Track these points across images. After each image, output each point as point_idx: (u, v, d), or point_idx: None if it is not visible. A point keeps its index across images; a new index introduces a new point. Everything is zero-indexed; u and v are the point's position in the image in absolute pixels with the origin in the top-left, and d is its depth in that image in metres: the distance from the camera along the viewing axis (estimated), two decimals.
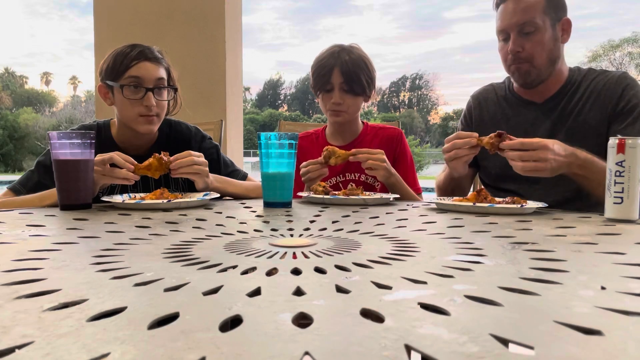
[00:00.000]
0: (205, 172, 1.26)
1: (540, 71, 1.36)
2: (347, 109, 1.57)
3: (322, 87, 1.55)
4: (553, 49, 1.34)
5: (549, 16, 1.32)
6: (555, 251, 0.62)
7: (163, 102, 1.37)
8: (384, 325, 0.34)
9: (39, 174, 1.33)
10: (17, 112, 41.08)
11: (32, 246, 0.65)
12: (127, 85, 1.31)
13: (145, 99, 1.31)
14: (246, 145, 5.87)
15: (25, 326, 0.34)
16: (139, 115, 1.33)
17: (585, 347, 0.30)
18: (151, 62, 1.33)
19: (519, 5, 1.32)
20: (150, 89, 1.32)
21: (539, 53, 1.33)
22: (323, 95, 1.57)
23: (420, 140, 47.82)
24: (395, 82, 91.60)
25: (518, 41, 1.34)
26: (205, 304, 0.40)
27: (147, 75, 1.32)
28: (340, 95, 1.54)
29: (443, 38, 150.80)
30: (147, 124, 1.35)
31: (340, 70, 1.51)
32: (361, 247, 0.66)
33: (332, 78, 1.52)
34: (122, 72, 1.31)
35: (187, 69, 2.72)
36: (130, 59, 1.31)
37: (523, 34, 1.33)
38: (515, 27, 1.33)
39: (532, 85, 1.40)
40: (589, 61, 33.77)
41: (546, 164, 1.07)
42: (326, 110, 1.60)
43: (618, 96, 1.30)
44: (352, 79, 1.52)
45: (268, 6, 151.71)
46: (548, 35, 1.32)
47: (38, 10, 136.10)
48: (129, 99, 1.31)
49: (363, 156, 1.35)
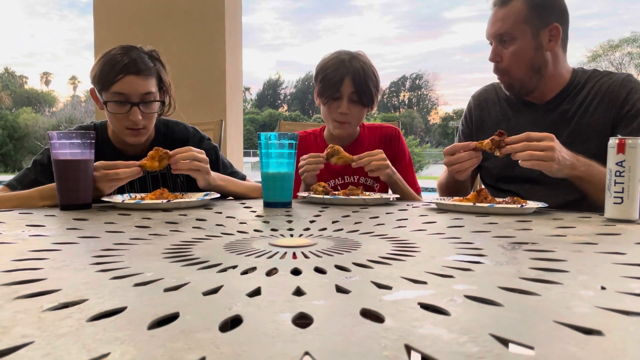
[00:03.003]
0: (206, 169, 1.25)
1: (522, 82, 1.36)
2: (352, 120, 1.54)
3: (330, 95, 1.51)
4: (534, 57, 1.32)
5: (531, 24, 1.30)
6: (555, 251, 0.62)
7: (151, 114, 1.34)
8: (384, 325, 0.34)
9: (36, 172, 1.32)
10: (17, 112, 41.07)
11: (32, 246, 0.65)
12: (111, 101, 1.28)
13: (131, 113, 1.29)
14: (246, 145, 5.87)
15: (25, 326, 0.34)
16: (125, 128, 1.32)
17: (585, 347, 0.30)
18: (138, 75, 1.28)
19: (499, 14, 1.33)
20: (135, 103, 1.29)
21: (516, 64, 1.33)
22: (330, 103, 1.53)
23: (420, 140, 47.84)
24: (395, 82, 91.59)
25: (497, 50, 1.36)
26: (205, 304, 0.40)
27: (132, 90, 1.28)
28: (348, 106, 1.50)
29: (443, 38, 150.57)
30: (134, 136, 1.34)
31: (352, 80, 1.48)
32: (361, 247, 0.66)
33: (342, 87, 1.48)
34: (108, 87, 1.28)
35: (187, 69, 2.73)
36: (115, 72, 1.26)
37: (502, 43, 1.35)
38: (493, 36, 1.35)
39: (521, 95, 1.40)
40: (588, 61, 33.77)
41: (553, 154, 1.05)
42: (330, 120, 1.55)
43: (622, 99, 1.28)
44: (363, 90, 1.49)
45: (268, 6, 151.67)
46: (527, 44, 1.31)
47: (38, 10, 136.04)
48: (114, 114, 1.30)
49: (365, 160, 1.35)
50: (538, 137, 1.08)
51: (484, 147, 1.15)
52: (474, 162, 1.19)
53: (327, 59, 1.55)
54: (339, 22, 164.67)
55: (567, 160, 1.10)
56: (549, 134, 1.08)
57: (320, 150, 1.43)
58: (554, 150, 1.06)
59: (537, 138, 1.08)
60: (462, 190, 1.49)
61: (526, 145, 1.07)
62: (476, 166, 1.22)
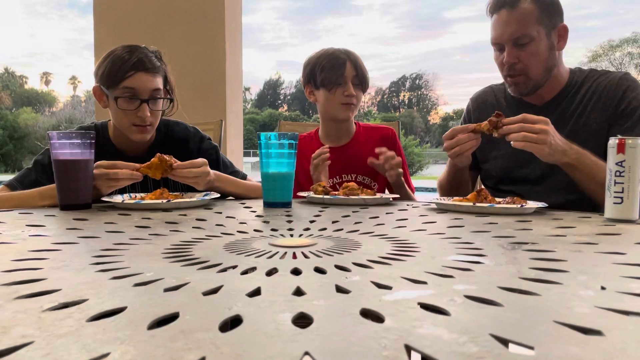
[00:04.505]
0: (204, 181, 1.26)
1: (536, 82, 1.35)
2: (356, 102, 1.60)
3: (335, 81, 1.54)
4: (549, 57, 1.33)
5: (543, 25, 1.30)
6: (555, 251, 0.62)
7: (158, 111, 1.36)
8: (384, 325, 0.34)
9: (36, 172, 1.32)
10: (17, 112, 41.10)
11: (32, 246, 0.65)
12: (121, 97, 1.29)
13: (140, 110, 1.30)
14: (246, 145, 5.87)
15: (25, 326, 0.34)
16: (132, 124, 1.32)
17: (585, 347, 0.30)
18: (148, 72, 1.30)
19: (512, 17, 1.30)
20: (145, 100, 1.30)
21: (535, 64, 1.32)
22: (335, 89, 1.56)
23: (420, 141, 47.84)
24: (395, 82, 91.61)
25: (513, 52, 1.32)
26: (205, 304, 0.40)
27: (142, 86, 1.29)
28: (353, 88, 1.56)
29: (443, 38, 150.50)
30: (140, 133, 1.34)
31: (353, 65, 1.55)
32: (361, 247, 0.66)
33: (346, 71, 1.54)
34: (117, 82, 1.28)
35: (187, 69, 2.73)
36: (125, 69, 1.28)
37: (518, 46, 1.31)
38: (509, 39, 1.31)
39: (528, 95, 1.39)
40: (588, 61, 33.78)
41: (546, 137, 1.07)
42: (337, 105, 1.58)
43: (619, 98, 1.29)
44: (363, 74, 1.57)
45: (268, 6, 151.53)
46: (543, 45, 1.31)
47: (38, 10, 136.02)
48: (122, 110, 1.30)
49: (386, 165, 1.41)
50: (534, 119, 1.10)
51: (482, 128, 1.18)
52: (473, 144, 1.21)
53: (319, 55, 1.59)
54: (339, 22, 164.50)
55: (559, 146, 1.11)
56: (544, 118, 1.10)
57: (317, 150, 1.44)
58: (548, 134, 1.08)
59: (533, 120, 1.10)
60: (462, 186, 1.49)
61: (521, 126, 1.09)
62: (475, 149, 1.23)
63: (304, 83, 1.65)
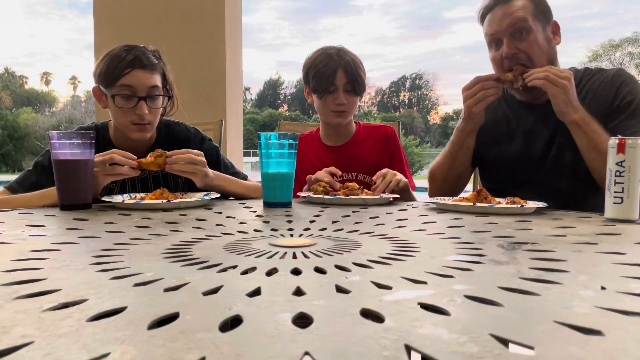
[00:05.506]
0: (202, 172, 1.26)
1: None
2: (349, 109, 1.58)
3: (325, 89, 1.54)
4: (549, 49, 1.33)
5: (538, 19, 1.31)
6: (555, 251, 0.62)
7: (156, 109, 1.35)
8: (384, 325, 0.34)
9: (37, 174, 1.32)
10: (17, 112, 41.08)
11: (32, 246, 0.65)
12: (118, 95, 1.29)
13: (138, 107, 1.29)
14: (246, 145, 5.87)
15: (25, 326, 0.34)
16: (131, 123, 1.32)
17: (585, 347, 0.30)
18: (145, 69, 1.30)
19: (508, 10, 1.30)
20: (142, 97, 1.30)
21: (537, 53, 1.30)
22: (326, 97, 1.56)
23: (421, 140, 47.82)
24: (395, 82, 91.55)
25: (512, 44, 1.30)
26: (205, 304, 0.40)
27: (139, 84, 1.29)
28: (344, 96, 1.55)
29: (443, 38, 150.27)
30: (140, 131, 1.34)
31: (345, 72, 1.53)
32: (361, 247, 0.66)
33: (337, 79, 1.53)
34: (115, 80, 1.28)
35: (187, 69, 2.73)
36: (122, 67, 1.27)
37: (516, 37, 1.30)
38: (507, 30, 1.30)
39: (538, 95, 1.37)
40: (589, 61, 33.77)
41: (567, 83, 1.16)
42: (328, 112, 1.58)
43: (613, 95, 1.29)
44: (355, 79, 1.54)
45: (268, 6, 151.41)
46: (541, 36, 1.31)
47: (38, 10, 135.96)
48: (120, 108, 1.30)
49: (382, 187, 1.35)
50: (558, 69, 1.19)
51: (506, 77, 1.22)
52: (496, 92, 1.28)
53: (314, 57, 1.58)
54: (339, 22, 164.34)
55: (574, 100, 1.18)
56: (569, 71, 1.18)
57: (317, 151, 1.43)
58: (569, 81, 1.16)
59: (559, 70, 1.19)
60: (461, 179, 1.48)
61: (547, 68, 1.19)
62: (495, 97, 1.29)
63: (304, 82, 1.66)
